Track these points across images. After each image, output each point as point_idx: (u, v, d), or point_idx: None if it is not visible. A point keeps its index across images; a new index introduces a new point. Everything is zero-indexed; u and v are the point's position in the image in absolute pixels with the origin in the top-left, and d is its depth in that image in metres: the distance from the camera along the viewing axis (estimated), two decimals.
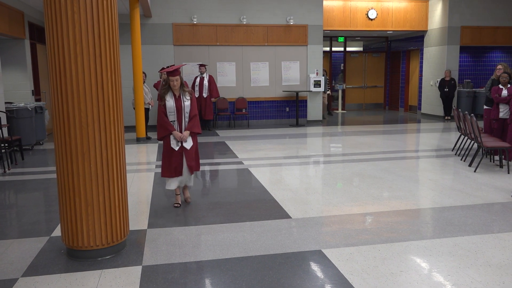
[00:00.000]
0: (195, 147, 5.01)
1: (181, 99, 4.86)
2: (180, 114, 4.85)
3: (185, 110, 4.87)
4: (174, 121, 4.85)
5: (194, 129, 4.93)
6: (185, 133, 4.87)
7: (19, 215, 5.00)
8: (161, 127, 4.85)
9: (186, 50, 12.18)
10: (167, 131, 4.84)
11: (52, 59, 3.44)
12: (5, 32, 8.54)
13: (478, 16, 13.82)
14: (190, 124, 4.91)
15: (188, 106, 4.89)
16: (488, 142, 6.84)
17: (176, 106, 4.83)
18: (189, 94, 4.91)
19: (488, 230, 4.27)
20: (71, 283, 3.26)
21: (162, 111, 4.83)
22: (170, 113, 4.82)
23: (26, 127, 8.59)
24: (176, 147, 4.86)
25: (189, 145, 4.92)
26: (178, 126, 4.88)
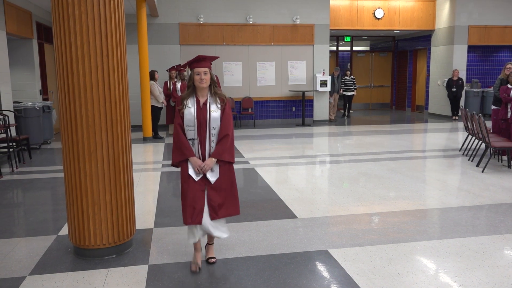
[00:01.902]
0: (226, 182, 3.40)
1: (207, 108, 3.30)
2: (204, 130, 3.30)
3: (211, 125, 3.29)
4: (194, 140, 3.33)
5: (223, 155, 3.30)
6: (208, 161, 3.29)
7: (27, 213, 5.03)
8: (175, 149, 3.37)
9: (192, 49, 12.20)
10: (182, 156, 3.33)
11: (60, 58, 3.46)
12: (13, 32, 8.60)
13: (486, 15, 13.72)
14: (219, 148, 3.30)
15: (217, 120, 3.30)
16: (496, 142, 6.79)
17: (198, 118, 3.28)
18: (221, 101, 3.35)
19: (496, 231, 4.23)
20: (78, 281, 3.28)
21: (179, 123, 3.31)
22: (188, 127, 3.30)
23: (33, 127, 8.65)
24: (196, 177, 3.33)
25: (214, 178, 3.35)
26: (199, 149, 3.34)
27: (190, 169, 3.33)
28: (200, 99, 3.35)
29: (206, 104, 3.33)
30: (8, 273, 3.43)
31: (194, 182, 3.32)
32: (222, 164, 3.34)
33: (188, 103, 3.32)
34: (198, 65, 3.30)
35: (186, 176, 3.35)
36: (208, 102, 3.34)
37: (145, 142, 9.99)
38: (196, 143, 3.33)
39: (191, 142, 3.33)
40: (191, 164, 3.32)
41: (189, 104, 3.32)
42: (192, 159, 3.31)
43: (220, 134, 3.32)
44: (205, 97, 3.35)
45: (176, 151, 3.36)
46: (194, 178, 3.33)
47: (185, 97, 3.36)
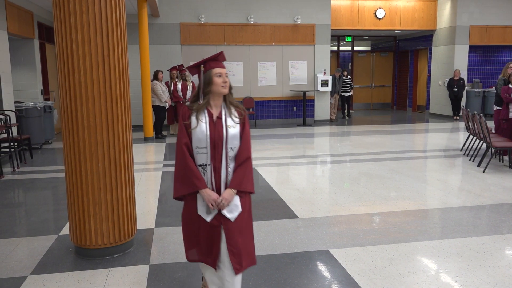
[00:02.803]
0: (247, 220, 2.65)
1: (223, 123, 2.54)
2: (219, 152, 2.52)
3: (229, 144, 2.52)
4: (206, 166, 2.52)
5: (245, 185, 2.56)
6: (226, 194, 2.51)
7: (28, 213, 5.04)
8: (180, 178, 2.55)
9: (193, 49, 12.20)
10: (189, 187, 2.52)
11: (61, 58, 3.46)
12: (15, 32, 8.61)
13: (487, 15, 13.70)
14: (239, 176, 2.54)
15: (236, 138, 2.55)
16: (497, 142, 6.78)
17: (212, 136, 2.51)
18: (238, 113, 2.60)
19: (497, 231, 4.23)
20: (79, 281, 3.29)
21: (185, 143, 2.52)
22: (199, 148, 2.51)
23: (35, 126, 8.66)
24: (208, 217, 2.54)
25: (234, 214, 2.55)
26: (213, 178, 2.54)
27: (200, 207, 2.54)
28: (212, 112, 2.54)
29: (220, 118, 2.53)
30: (10, 272, 3.43)
31: (205, 222, 2.54)
32: (241, 195, 2.56)
33: (198, 115, 2.51)
34: (218, 64, 2.55)
35: (194, 216, 2.57)
36: (224, 116, 2.55)
37: (146, 142, 10.00)
38: (209, 170, 2.51)
39: (202, 169, 2.51)
40: (203, 198, 2.50)
41: (199, 116, 2.50)
42: (204, 192, 2.47)
43: (239, 156, 2.53)
44: (219, 109, 2.56)
45: (181, 181, 2.52)
46: (206, 219, 2.53)
47: (198, 110, 2.51)
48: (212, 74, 2.53)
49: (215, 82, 2.52)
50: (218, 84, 2.53)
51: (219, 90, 2.54)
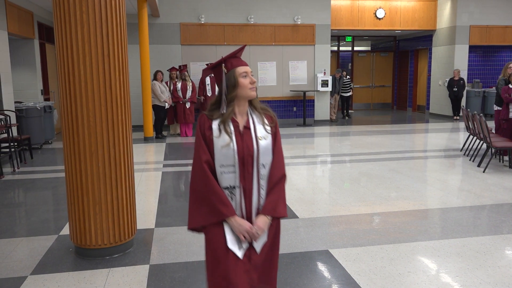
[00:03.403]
0: (274, 248, 2.22)
1: (252, 134, 2.10)
2: (249, 171, 2.07)
3: (261, 160, 2.08)
4: (234, 189, 2.07)
5: (279, 211, 2.11)
6: (260, 222, 2.06)
7: (28, 213, 5.04)
8: (199, 204, 2.08)
9: (193, 49, 12.20)
10: (213, 215, 2.05)
11: (61, 58, 3.46)
12: (15, 32, 8.61)
13: (487, 15, 13.70)
14: (273, 199, 2.10)
15: (268, 152, 2.11)
16: (497, 142, 6.78)
17: (240, 150, 2.06)
18: (268, 120, 2.19)
19: (497, 231, 4.23)
20: (79, 281, 3.29)
21: (205, 160, 2.06)
22: (224, 167, 2.05)
23: (35, 126, 8.66)
24: (240, 251, 2.07)
25: (260, 243, 2.12)
26: (242, 203, 2.09)
27: (229, 239, 2.04)
28: (238, 120, 2.10)
29: (249, 127, 2.09)
30: (10, 272, 3.43)
31: (237, 259, 2.03)
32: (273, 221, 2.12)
33: (225, 125, 2.06)
34: (241, 62, 2.13)
35: (222, 250, 2.04)
36: (252, 125, 2.10)
37: (146, 142, 10.00)
38: (238, 194, 2.05)
39: (229, 193, 2.05)
40: (233, 229, 2.03)
41: (226, 130, 2.05)
42: (234, 220, 2.02)
43: (272, 175, 2.09)
44: (245, 116, 2.11)
45: (202, 209, 2.05)
46: (237, 254, 2.04)
47: (225, 120, 2.06)
48: (236, 75, 2.08)
49: (242, 84, 2.07)
50: (245, 86, 2.07)
51: (247, 93, 2.09)
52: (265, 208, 2.08)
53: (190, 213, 2.12)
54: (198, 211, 2.08)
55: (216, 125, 2.07)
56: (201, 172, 2.04)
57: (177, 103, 10.50)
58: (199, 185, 2.06)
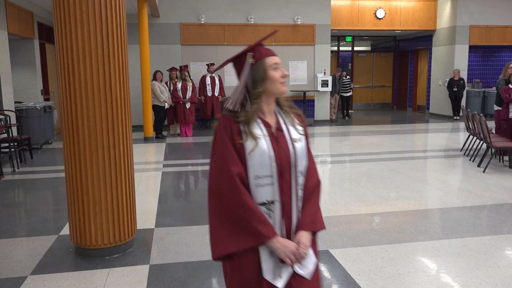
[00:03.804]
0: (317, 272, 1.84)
1: (286, 135, 1.80)
2: (287, 179, 1.77)
3: (298, 166, 1.79)
4: (273, 203, 1.74)
5: (318, 224, 1.83)
6: (304, 238, 1.75)
7: (28, 213, 5.04)
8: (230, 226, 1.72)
9: (193, 49, 12.20)
10: (251, 239, 1.69)
11: (61, 59, 3.46)
12: (15, 32, 8.61)
13: (487, 15, 13.70)
14: (311, 212, 1.82)
15: (304, 155, 1.82)
16: (497, 143, 6.78)
17: (278, 155, 1.74)
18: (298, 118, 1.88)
19: (497, 231, 4.23)
20: (79, 281, 3.28)
21: (238, 173, 1.70)
22: (260, 178, 1.72)
23: (35, 127, 8.66)
24: (280, 281, 1.71)
25: (308, 268, 1.78)
26: (281, 219, 1.77)
27: (266, 268, 1.70)
28: (268, 120, 1.79)
29: (281, 129, 1.79)
30: (10, 273, 3.43)
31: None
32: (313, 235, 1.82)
33: (255, 130, 1.73)
34: (271, 52, 1.83)
35: (256, 283, 1.71)
36: (284, 125, 1.80)
37: (146, 142, 10.00)
38: (277, 210, 1.73)
39: (266, 209, 1.72)
40: (276, 252, 1.69)
41: (257, 132, 1.73)
42: (277, 241, 1.68)
43: (308, 182, 1.82)
44: (273, 116, 1.82)
45: (233, 232, 1.70)
46: (278, 286, 1.70)
47: (249, 120, 1.73)
48: (266, 66, 1.76)
49: (272, 77, 1.76)
50: (276, 79, 1.76)
51: (278, 88, 1.77)
52: (304, 221, 1.77)
53: (215, 239, 1.74)
54: (228, 236, 1.69)
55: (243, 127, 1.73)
56: (233, 188, 1.67)
57: (177, 103, 10.50)
58: (229, 204, 1.69)
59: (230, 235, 1.70)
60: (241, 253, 1.70)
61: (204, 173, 7.10)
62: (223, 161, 1.71)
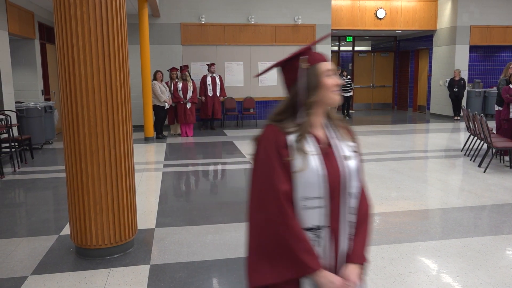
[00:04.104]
0: None
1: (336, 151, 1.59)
2: (336, 202, 1.54)
3: (350, 187, 1.57)
4: (321, 230, 1.52)
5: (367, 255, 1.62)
6: (353, 273, 1.55)
7: (29, 213, 5.04)
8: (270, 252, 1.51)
9: (194, 50, 12.21)
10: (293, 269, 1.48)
11: (62, 58, 3.47)
12: (15, 32, 8.62)
13: (488, 15, 13.69)
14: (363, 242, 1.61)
15: (356, 173, 1.59)
16: (498, 143, 6.78)
17: (332, 177, 1.53)
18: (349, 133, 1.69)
19: (498, 231, 4.22)
20: (79, 281, 3.29)
21: (285, 191, 1.49)
22: (308, 200, 1.50)
23: (35, 126, 8.66)
24: None
25: None
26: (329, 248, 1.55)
27: None
28: (318, 134, 1.60)
29: (331, 144, 1.60)
30: (10, 273, 3.43)
31: None
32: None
33: (306, 147, 1.52)
34: (324, 57, 1.63)
35: None
36: (334, 140, 1.61)
37: (146, 142, 10.00)
38: (325, 237, 1.54)
39: (313, 236, 1.53)
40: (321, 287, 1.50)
41: (308, 149, 1.52)
42: (323, 276, 1.49)
43: (361, 206, 1.63)
44: (321, 129, 1.62)
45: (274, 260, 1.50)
46: None
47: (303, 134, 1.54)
48: (319, 73, 1.57)
49: (326, 85, 1.57)
50: (330, 87, 1.57)
51: (331, 98, 1.58)
52: (356, 254, 1.57)
53: (252, 266, 1.54)
54: (268, 264, 1.50)
55: (293, 141, 1.52)
56: (279, 209, 1.47)
57: (177, 103, 10.50)
58: (273, 228, 1.48)
59: (271, 263, 1.50)
60: (280, 284, 1.52)
61: (204, 173, 7.11)
62: (268, 178, 1.50)
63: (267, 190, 1.50)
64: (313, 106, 1.57)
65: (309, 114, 1.57)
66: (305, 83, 1.56)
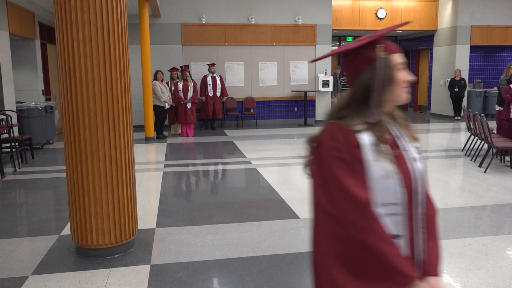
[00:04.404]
0: None
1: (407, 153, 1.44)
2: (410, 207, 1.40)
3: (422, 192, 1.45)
4: (399, 239, 1.38)
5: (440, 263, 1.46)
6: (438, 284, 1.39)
7: (29, 213, 5.05)
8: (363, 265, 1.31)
9: (194, 50, 12.21)
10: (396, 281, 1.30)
11: (62, 59, 3.47)
12: (16, 33, 8.62)
13: (489, 15, 13.69)
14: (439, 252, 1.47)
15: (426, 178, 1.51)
16: (498, 143, 6.77)
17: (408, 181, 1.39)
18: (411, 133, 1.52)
19: (499, 232, 4.22)
20: (80, 281, 3.29)
21: (369, 199, 1.32)
22: (385, 206, 1.35)
23: (36, 127, 8.67)
24: None
25: None
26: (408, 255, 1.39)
27: None
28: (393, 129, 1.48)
29: (399, 146, 1.45)
30: (11, 272, 3.44)
31: None
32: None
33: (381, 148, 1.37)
34: (397, 48, 1.43)
35: None
36: (401, 141, 1.46)
37: (147, 142, 10.00)
38: (405, 245, 1.40)
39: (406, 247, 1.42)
40: None
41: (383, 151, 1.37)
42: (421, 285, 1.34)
43: (429, 211, 1.50)
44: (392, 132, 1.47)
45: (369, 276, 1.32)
46: None
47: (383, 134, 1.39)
48: (393, 65, 1.39)
49: (399, 80, 1.41)
50: (400, 82, 1.41)
51: (401, 95, 1.43)
52: (435, 265, 1.43)
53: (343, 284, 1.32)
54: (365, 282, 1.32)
55: (368, 141, 1.35)
56: (367, 218, 1.30)
57: (178, 103, 10.51)
58: (363, 242, 1.30)
59: (368, 279, 1.31)
60: None
61: (205, 173, 7.11)
62: (344, 186, 1.31)
63: (346, 198, 1.30)
64: (382, 103, 1.40)
65: (383, 112, 1.41)
66: (381, 75, 1.37)
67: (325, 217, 1.35)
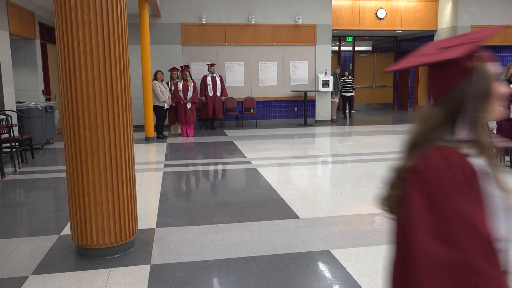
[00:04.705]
0: None
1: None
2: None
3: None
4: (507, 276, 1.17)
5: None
6: None
7: (29, 213, 5.05)
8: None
9: (194, 50, 12.21)
10: None
11: (62, 59, 3.47)
12: (16, 33, 8.63)
13: (488, 15, 13.69)
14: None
15: None
16: (498, 143, 6.78)
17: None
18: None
19: None
20: (80, 281, 3.29)
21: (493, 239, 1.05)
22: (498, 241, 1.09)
23: (36, 127, 8.67)
24: None
25: None
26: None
27: None
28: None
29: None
30: (11, 272, 3.44)
31: None
32: None
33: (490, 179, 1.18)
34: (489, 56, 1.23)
35: None
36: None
37: (147, 142, 10.01)
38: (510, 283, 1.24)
39: None
40: None
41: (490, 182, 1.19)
42: None
43: None
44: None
45: None
46: None
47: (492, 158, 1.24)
48: (489, 76, 1.21)
49: (495, 94, 1.25)
50: (497, 97, 1.27)
51: (495, 112, 1.29)
52: None
53: None
54: None
55: (482, 167, 1.16)
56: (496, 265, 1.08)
57: (178, 103, 10.51)
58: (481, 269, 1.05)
59: None
60: None
61: (205, 173, 7.11)
62: (472, 224, 1.06)
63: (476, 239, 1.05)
64: (479, 119, 1.22)
65: (484, 129, 1.22)
66: (478, 88, 1.19)
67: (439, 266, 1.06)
